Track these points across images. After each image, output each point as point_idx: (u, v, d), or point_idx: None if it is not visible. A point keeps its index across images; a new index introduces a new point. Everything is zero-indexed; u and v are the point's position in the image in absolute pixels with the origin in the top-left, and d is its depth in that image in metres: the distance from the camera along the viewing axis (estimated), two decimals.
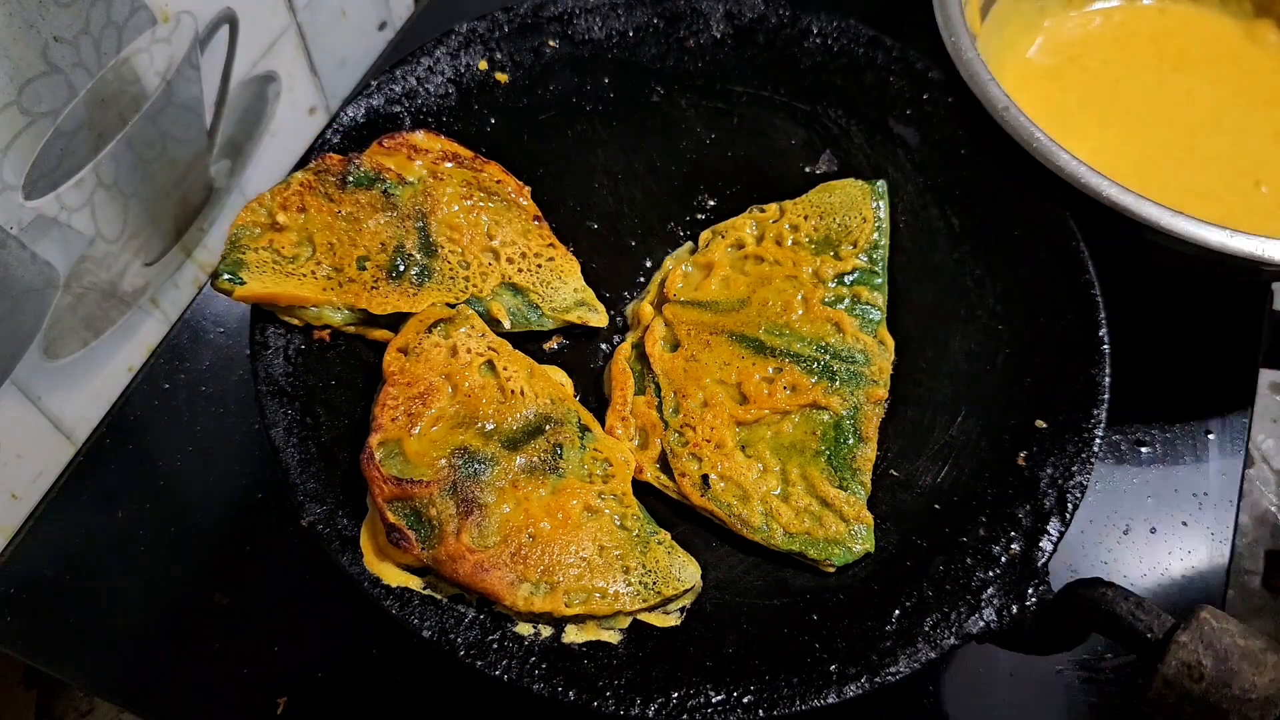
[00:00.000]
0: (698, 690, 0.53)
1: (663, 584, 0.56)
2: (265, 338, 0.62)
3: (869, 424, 0.63)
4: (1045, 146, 0.67)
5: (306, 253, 0.63)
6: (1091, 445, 0.60)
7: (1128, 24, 0.88)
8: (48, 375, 0.70)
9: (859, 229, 0.69)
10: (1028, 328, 0.66)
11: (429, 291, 0.64)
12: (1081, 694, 0.66)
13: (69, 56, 0.62)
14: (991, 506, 0.60)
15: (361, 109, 0.70)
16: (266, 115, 0.84)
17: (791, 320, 0.66)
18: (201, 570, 0.70)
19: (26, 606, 0.69)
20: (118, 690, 0.66)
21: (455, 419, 0.58)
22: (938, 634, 0.54)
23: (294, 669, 0.66)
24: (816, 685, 0.53)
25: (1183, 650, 0.48)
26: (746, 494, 0.61)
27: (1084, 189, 0.66)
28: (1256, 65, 0.85)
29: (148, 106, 0.70)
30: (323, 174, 0.65)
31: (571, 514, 0.57)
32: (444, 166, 0.68)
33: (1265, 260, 0.64)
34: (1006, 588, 0.55)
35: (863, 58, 0.75)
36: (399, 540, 0.54)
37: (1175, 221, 0.64)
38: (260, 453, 0.74)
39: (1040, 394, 0.63)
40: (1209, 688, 0.47)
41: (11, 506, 0.71)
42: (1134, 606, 0.50)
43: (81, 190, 0.67)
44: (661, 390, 0.64)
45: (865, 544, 0.60)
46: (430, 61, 0.73)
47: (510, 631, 0.54)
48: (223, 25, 0.75)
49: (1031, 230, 0.69)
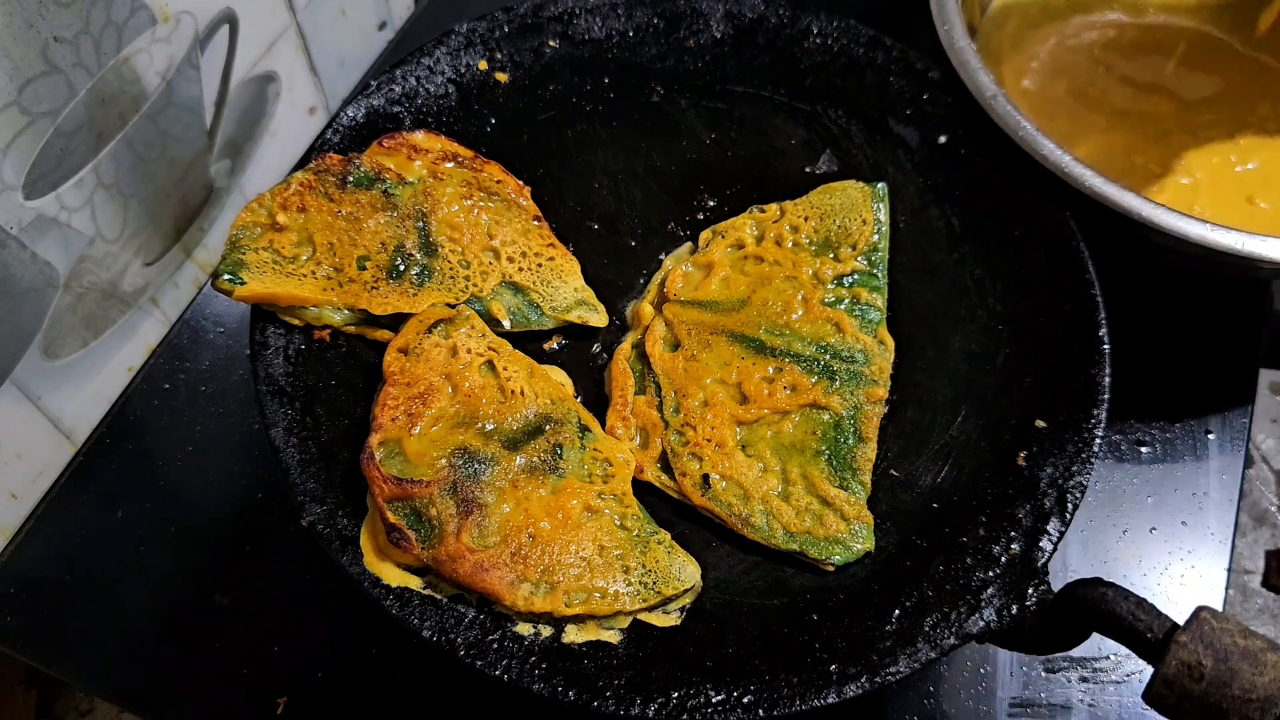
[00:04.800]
0: (698, 690, 0.53)
1: (663, 584, 0.56)
2: (265, 338, 0.62)
3: (869, 424, 0.63)
4: (1030, 136, 0.67)
5: (306, 253, 0.63)
6: (1091, 445, 0.60)
7: (1130, 33, 0.88)
8: (48, 375, 0.70)
9: (859, 231, 0.69)
10: (1028, 328, 0.66)
11: (429, 291, 0.64)
12: (1082, 694, 0.66)
13: (69, 56, 0.62)
14: (991, 506, 0.60)
15: (362, 109, 0.70)
16: (266, 115, 0.84)
17: (791, 320, 0.66)
18: (201, 570, 0.70)
19: (26, 606, 0.69)
20: (118, 690, 0.66)
21: (455, 419, 0.58)
22: (938, 634, 0.54)
23: (294, 669, 0.66)
24: (816, 685, 0.53)
25: (1183, 650, 0.47)
26: (747, 493, 0.61)
27: (1084, 189, 0.66)
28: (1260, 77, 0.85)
29: (148, 106, 0.70)
30: (323, 174, 0.65)
31: (571, 514, 0.57)
32: (444, 166, 0.68)
33: (1265, 259, 0.64)
34: (1006, 587, 0.55)
35: (863, 58, 0.75)
36: (399, 540, 0.54)
37: (1175, 221, 0.64)
38: (260, 453, 0.74)
39: (1040, 394, 0.63)
40: (1209, 687, 0.47)
41: (11, 506, 0.71)
42: (1134, 606, 0.50)
43: (81, 190, 0.67)
44: (662, 390, 0.64)
45: (865, 543, 0.60)
46: (430, 61, 0.73)
47: (510, 631, 0.54)
48: (223, 25, 0.75)
49: (1031, 230, 0.69)
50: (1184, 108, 0.83)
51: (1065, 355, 0.63)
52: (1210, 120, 0.82)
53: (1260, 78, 0.85)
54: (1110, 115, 0.82)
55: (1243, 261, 0.65)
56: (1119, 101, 0.83)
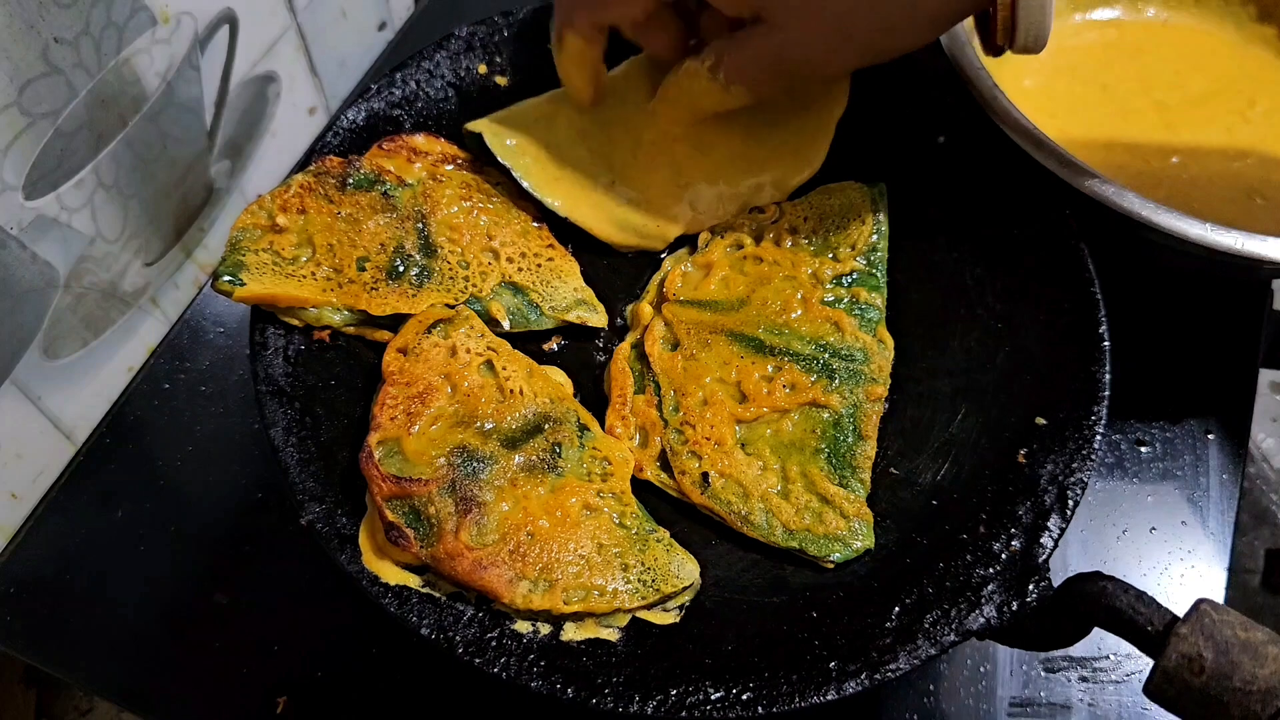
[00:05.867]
0: (697, 687, 0.53)
1: (661, 581, 0.56)
2: (265, 338, 0.62)
3: (868, 422, 0.63)
4: (1030, 135, 0.67)
5: (306, 254, 0.63)
6: (1092, 442, 0.60)
7: (1130, 31, 0.88)
8: (48, 375, 0.70)
9: (858, 232, 0.69)
10: (1028, 324, 0.66)
11: (429, 292, 0.64)
12: (1082, 693, 0.66)
13: (69, 57, 0.62)
14: (992, 503, 0.60)
15: (362, 112, 0.70)
16: (266, 115, 0.84)
17: (791, 319, 0.66)
18: (201, 570, 0.70)
19: (26, 606, 0.69)
20: (118, 690, 0.66)
21: (454, 418, 0.59)
22: (938, 631, 0.54)
23: (294, 669, 0.66)
24: (816, 682, 0.53)
25: (1183, 643, 0.47)
26: (746, 491, 0.61)
27: (1083, 189, 0.66)
28: (1259, 75, 0.85)
29: (148, 107, 0.70)
30: (322, 176, 0.65)
31: (570, 512, 0.57)
32: (444, 169, 0.68)
33: (1265, 259, 0.64)
34: (1007, 584, 0.55)
35: None
36: (398, 538, 0.54)
37: (1175, 221, 0.64)
38: (260, 452, 0.74)
39: (1040, 391, 0.63)
40: (1209, 680, 0.47)
41: (11, 506, 0.71)
42: (1134, 600, 0.50)
43: (81, 190, 0.67)
44: (661, 389, 0.64)
45: (865, 540, 0.60)
46: (430, 65, 0.73)
47: (509, 629, 0.54)
48: (223, 25, 0.75)
49: (1031, 230, 0.69)
50: (1183, 105, 0.83)
51: (1065, 353, 0.63)
52: (1209, 116, 0.82)
53: (1259, 74, 0.85)
54: (1110, 114, 0.82)
55: (1243, 261, 0.65)
56: (1119, 100, 0.83)
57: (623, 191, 0.69)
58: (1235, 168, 0.79)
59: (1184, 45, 0.87)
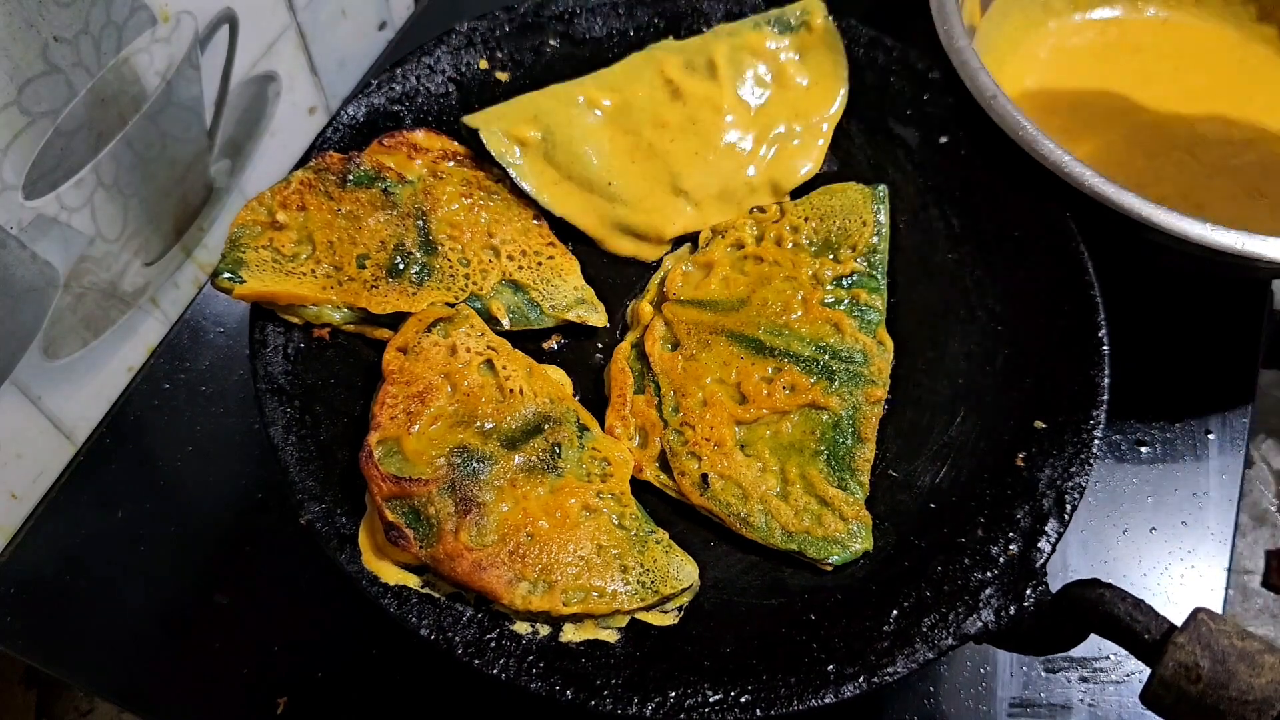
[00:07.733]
0: (695, 689, 0.53)
1: (660, 583, 0.56)
2: (265, 336, 0.62)
3: (868, 424, 0.63)
4: (1030, 136, 0.67)
5: (306, 251, 0.63)
6: (1090, 446, 0.60)
7: (1130, 30, 0.88)
8: (48, 375, 0.70)
9: (858, 233, 0.69)
10: (1027, 328, 0.66)
11: (429, 290, 0.64)
12: (1082, 694, 0.66)
13: (69, 56, 0.62)
14: (990, 507, 0.60)
15: (362, 108, 0.70)
16: (266, 115, 0.84)
17: (791, 320, 0.66)
18: (201, 570, 0.70)
19: (26, 606, 0.69)
20: (118, 690, 0.67)
21: (454, 418, 0.58)
22: (936, 634, 0.54)
23: (294, 669, 0.66)
24: (814, 685, 0.53)
25: (1180, 651, 0.47)
26: (746, 493, 0.61)
27: (1083, 189, 0.66)
28: (1259, 73, 0.85)
29: (148, 106, 0.70)
30: (323, 172, 0.65)
31: (570, 513, 0.57)
32: (444, 165, 0.68)
33: (1265, 259, 0.64)
34: (1004, 588, 0.55)
35: (863, 58, 0.75)
36: (397, 538, 0.54)
37: (1175, 221, 0.64)
38: (260, 452, 0.74)
39: (1039, 395, 0.63)
40: (1206, 689, 0.47)
41: (11, 506, 0.71)
42: (1131, 607, 0.50)
43: (81, 190, 0.67)
44: (661, 389, 0.64)
45: (864, 543, 0.60)
46: (431, 60, 0.73)
47: (508, 630, 0.54)
48: (223, 25, 0.75)
49: (1031, 230, 0.68)
50: (1183, 103, 0.83)
51: (1064, 356, 0.63)
52: (1209, 114, 0.82)
53: (1259, 72, 0.85)
54: (1110, 114, 0.82)
55: (1243, 261, 0.65)
56: (1119, 99, 0.83)
57: (621, 192, 0.69)
58: (1235, 166, 0.79)
59: (1184, 44, 0.87)
